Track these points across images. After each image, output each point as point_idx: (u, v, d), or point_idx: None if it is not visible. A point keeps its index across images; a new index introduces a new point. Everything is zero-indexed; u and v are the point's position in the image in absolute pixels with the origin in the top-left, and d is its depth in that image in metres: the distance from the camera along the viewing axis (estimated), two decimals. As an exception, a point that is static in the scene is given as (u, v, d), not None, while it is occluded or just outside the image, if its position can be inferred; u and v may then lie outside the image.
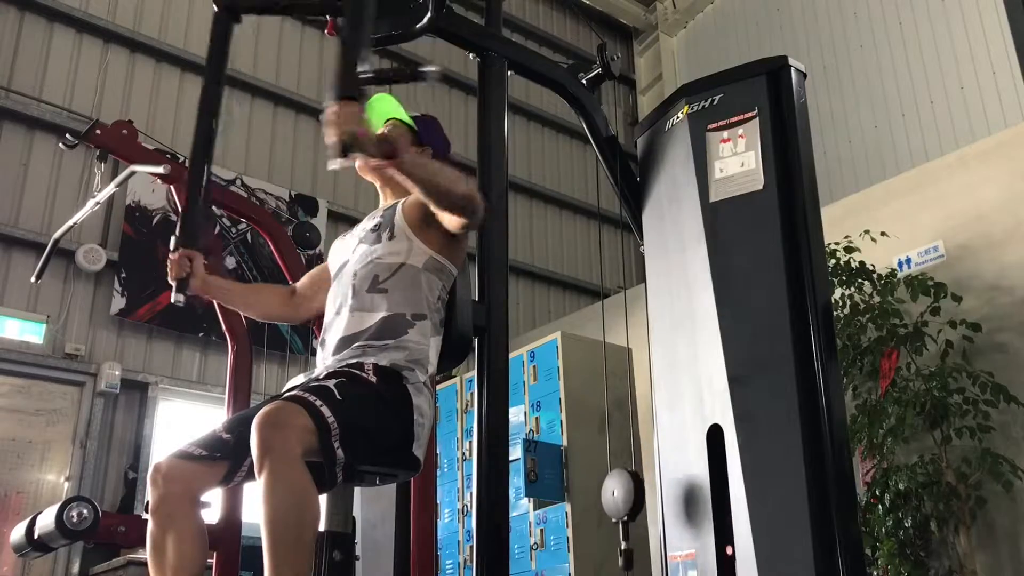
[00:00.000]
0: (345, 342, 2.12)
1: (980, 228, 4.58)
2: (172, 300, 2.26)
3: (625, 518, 2.67)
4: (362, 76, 1.89)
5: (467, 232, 2.22)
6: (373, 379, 2.01)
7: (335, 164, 1.80)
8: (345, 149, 1.77)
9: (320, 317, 2.37)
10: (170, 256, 2.29)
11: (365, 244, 2.26)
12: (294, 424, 1.79)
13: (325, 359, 2.17)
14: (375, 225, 2.28)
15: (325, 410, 1.84)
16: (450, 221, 2.13)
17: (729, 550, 2.45)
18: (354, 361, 2.05)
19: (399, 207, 2.28)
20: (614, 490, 2.70)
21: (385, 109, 2.43)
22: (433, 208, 2.07)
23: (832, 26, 8.12)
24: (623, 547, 2.67)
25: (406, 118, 2.43)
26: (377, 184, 2.42)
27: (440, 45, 2.75)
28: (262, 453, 1.75)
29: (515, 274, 8.14)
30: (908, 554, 4.14)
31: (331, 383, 1.94)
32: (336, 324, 2.18)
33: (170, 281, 2.26)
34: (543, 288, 8.69)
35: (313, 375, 2.10)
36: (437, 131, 2.51)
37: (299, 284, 2.55)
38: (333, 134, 1.77)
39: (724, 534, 2.47)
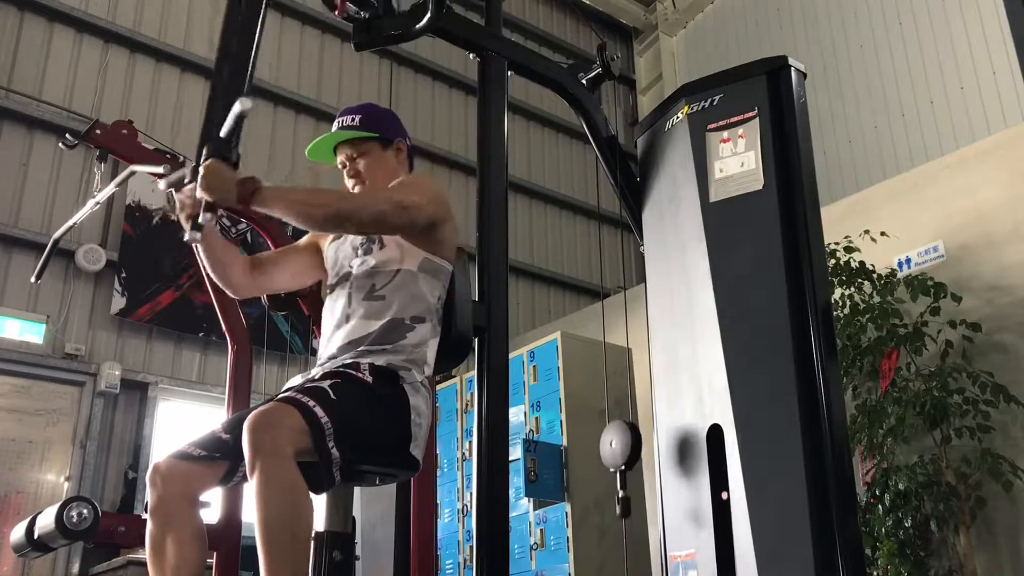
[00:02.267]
0: (344, 348, 2.12)
1: (980, 228, 4.57)
2: (187, 239, 1.99)
3: (623, 467, 2.67)
4: (222, 136, 2.00)
5: (428, 229, 2.17)
6: (369, 379, 2.00)
7: (195, 229, 1.95)
8: (208, 207, 1.93)
9: (314, 315, 2.36)
10: (185, 190, 2.03)
11: (359, 255, 2.25)
12: (285, 425, 1.79)
13: (323, 365, 2.15)
14: (364, 237, 2.27)
15: (318, 410, 1.84)
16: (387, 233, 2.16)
17: (724, 495, 2.47)
18: (350, 361, 2.05)
19: None
20: (612, 440, 2.71)
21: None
22: (332, 226, 2.12)
23: (832, 26, 8.12)
24: (620, 495, 2.68)
25: (349, 134, 2.35)
26: (356, 188, 2.37)
27: (440, 45, 2.75)
28: (253, 454, 1.75)
29: (515, 274, 8.13)
30: (908, 554, 4.14)
31: (326, 384, 1.94)
32: (337, 334, 2.17)
33: (183, 218, 2.04)
34: (543, 288, 8.69)
35: (309, 376, 2.10)
36: (393, 120, 2.44)
37: (261, 256, 2.41)
38: (201, 198, 1.92)
39: (724, 534, 2.47)
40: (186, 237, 2.00)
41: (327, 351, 2.17)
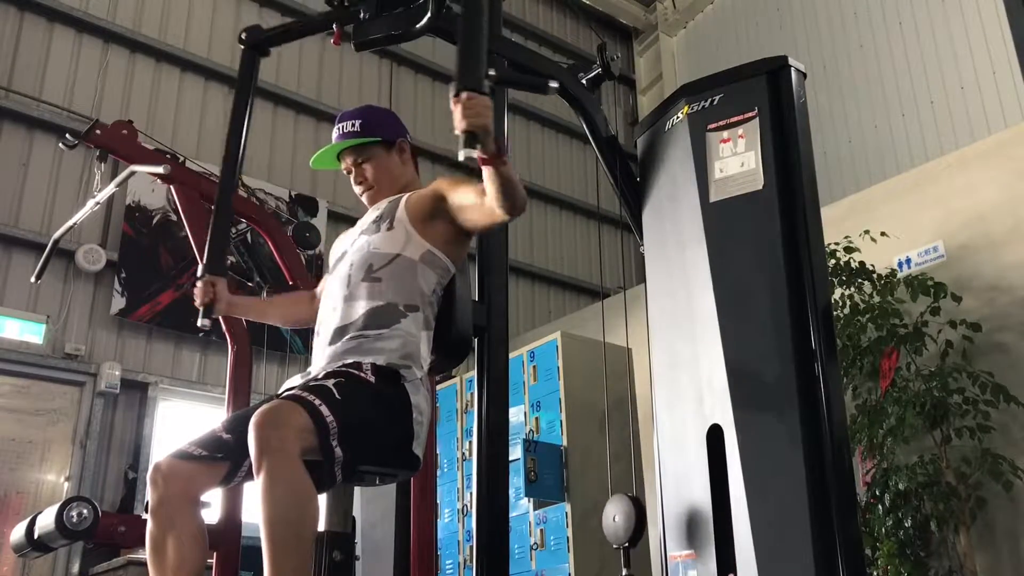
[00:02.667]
0: (340, 332, 2.13)
1: (980, 228, 4.57)
2: (199, 324, 2.33)
3: (627, 544, 2.66)
4: (487, 73, 1.92)
5: (462, 231, 2.22)
6: (371, 378, 2.01)
7: (464, 154, 1.80)
8: (472, 140, 1.79)
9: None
10: (196, 283, 2.33)
11: (365, 236, 2.27)
12: (292, 423, 1.79)
13: (321, 349, 2.17)
14: (376, 217, 2.29)
15: (324, 409, 1.85)
16: (492, 215, 2.06)
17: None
18: (352, 360, 2.05)
19: (403, 200, 2.28)
20: (615, 515, 2.69)
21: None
22: (498, 207, 2.00)
23: (832, 26, 8.12)
24: (625, 573, 2.67)
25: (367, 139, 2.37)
26: (364, 193, 2.39)
27: (440, 45, 2.75)
28: (260, 452, 1.75)
29: (515, 274, 8.13)
30: (908, 554, 4.14)
31: (330, 383, 1.95)
32: (332, 315, 2.18)
33: (197, 306, 2.32)
34: (543, 288, 8.69)
35: (311, 374, 2.10)
36: (393, 120, 2.47)
37: (320, 288, 2.52)
38: (463, 124, 1.76)
39: (724, 534, 2.47)
40: (199, 323, 2.32)
41: (325, 333, 2.18)
